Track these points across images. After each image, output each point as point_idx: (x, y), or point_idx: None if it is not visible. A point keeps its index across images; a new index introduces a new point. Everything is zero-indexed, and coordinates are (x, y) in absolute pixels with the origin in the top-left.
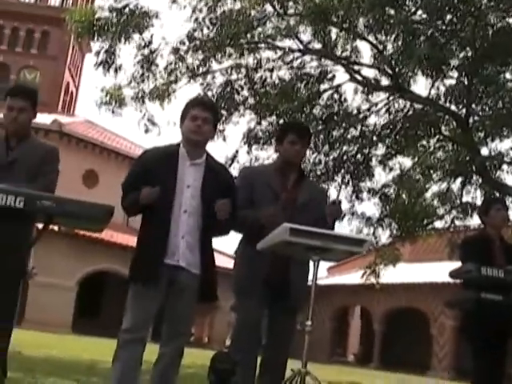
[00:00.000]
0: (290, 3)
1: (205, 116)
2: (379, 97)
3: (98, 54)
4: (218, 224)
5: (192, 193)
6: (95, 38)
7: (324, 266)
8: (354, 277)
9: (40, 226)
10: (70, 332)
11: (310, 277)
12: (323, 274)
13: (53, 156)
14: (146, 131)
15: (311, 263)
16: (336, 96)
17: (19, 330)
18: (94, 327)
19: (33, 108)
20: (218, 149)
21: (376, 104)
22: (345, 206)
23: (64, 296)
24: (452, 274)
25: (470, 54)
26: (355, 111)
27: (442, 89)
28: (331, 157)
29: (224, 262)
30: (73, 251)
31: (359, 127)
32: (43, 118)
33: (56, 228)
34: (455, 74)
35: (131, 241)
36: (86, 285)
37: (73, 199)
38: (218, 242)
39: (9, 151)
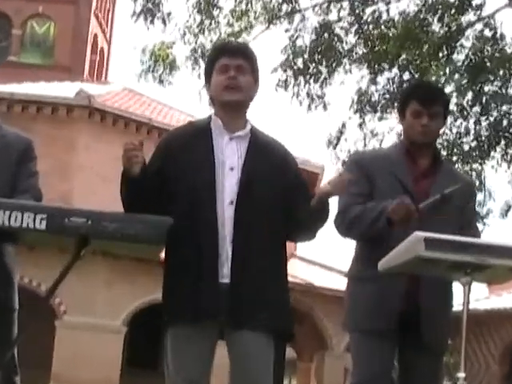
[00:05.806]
0: None
1: (238, 63)
2: None
3: None
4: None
5: (239, 177)
6: None
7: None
8: None
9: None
10: None
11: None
12: (483, 293)
13: (32, 152)
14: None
15: (458, 286)
16: (488, 32)
17: None
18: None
19: None
20: (316, 123)
21: None
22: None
23: (107, 341)
24: None
25: None
26: None
27: None
28: (485, 123)
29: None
30: (117, 277)
31: None
32: (63, 88)
33: None
34: None
35: None
36: (137, 324)
37: (116, 213)
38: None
39: None
